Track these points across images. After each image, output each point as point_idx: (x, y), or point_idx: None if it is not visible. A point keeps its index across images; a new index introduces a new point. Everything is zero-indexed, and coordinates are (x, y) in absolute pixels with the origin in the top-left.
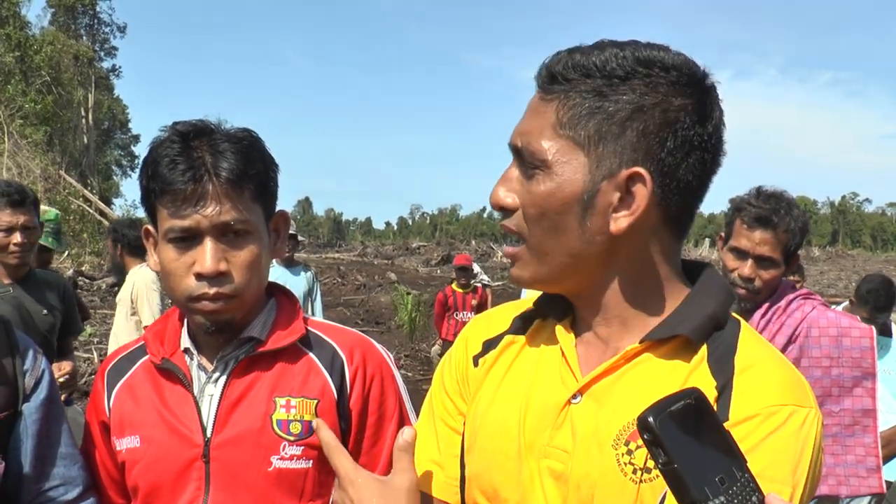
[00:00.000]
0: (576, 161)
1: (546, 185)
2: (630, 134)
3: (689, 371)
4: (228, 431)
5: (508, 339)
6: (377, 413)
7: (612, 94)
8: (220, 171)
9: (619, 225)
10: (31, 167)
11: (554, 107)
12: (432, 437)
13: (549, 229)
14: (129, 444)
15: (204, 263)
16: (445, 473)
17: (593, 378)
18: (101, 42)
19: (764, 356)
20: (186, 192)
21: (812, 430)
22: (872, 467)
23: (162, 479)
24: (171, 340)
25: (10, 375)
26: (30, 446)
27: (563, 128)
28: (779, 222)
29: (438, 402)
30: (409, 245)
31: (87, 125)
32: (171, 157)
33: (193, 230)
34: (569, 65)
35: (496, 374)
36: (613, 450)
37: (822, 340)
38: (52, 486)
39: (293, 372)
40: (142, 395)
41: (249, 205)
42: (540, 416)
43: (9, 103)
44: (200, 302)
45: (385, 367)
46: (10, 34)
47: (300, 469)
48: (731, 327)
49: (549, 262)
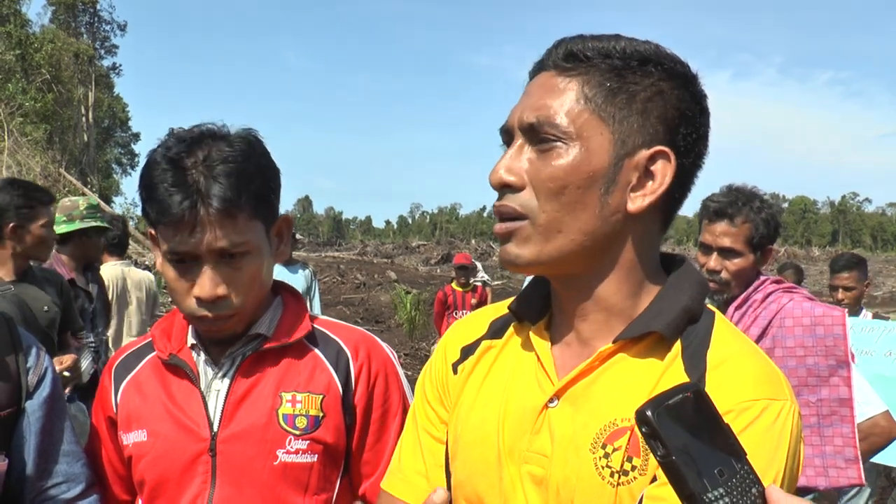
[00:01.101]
0: (600, 136)
1: (570, 158)
2: (652, 115)
3: (663, 369)
4: (235, 426)
5: (486, 344)
6: (381, 409)
7: (632, 76)
8: (213, 200)
9: (639, 204)
10: (31, 165)
11: (577, 82)
12: (417, 448)
13: (569, 204)
14: (135, 438)
15: (203, 290)
16: (432, 484)
17: (569, 381)
18: (101, 40)
19: (736, 350)
20: (183, 220)
21: (788, 422)
22: (851, 458)
23: (168, 473)
24: (178, 336)
25: (13, 373)
26: (33, 443)
27: (588, 101)
28: (735, 213)
29: (421, 412)
30: (409, 244)
31: (88, 123)
32: (167, 185)
33: (191, 255)
34: (588, 45)
35: (475, 380)
36: (591, 453)
37: (795, 330)
38: (54, 483)
39: (299, 367)
40: (149, 391)
41: (247, 224)
42: (519, 421)
43: (9, 101)
44: (202, 321)
45: (389, 364)
46: (11, 32)
47: (305, 463)
48: (705, 320)
49: (559, 240)
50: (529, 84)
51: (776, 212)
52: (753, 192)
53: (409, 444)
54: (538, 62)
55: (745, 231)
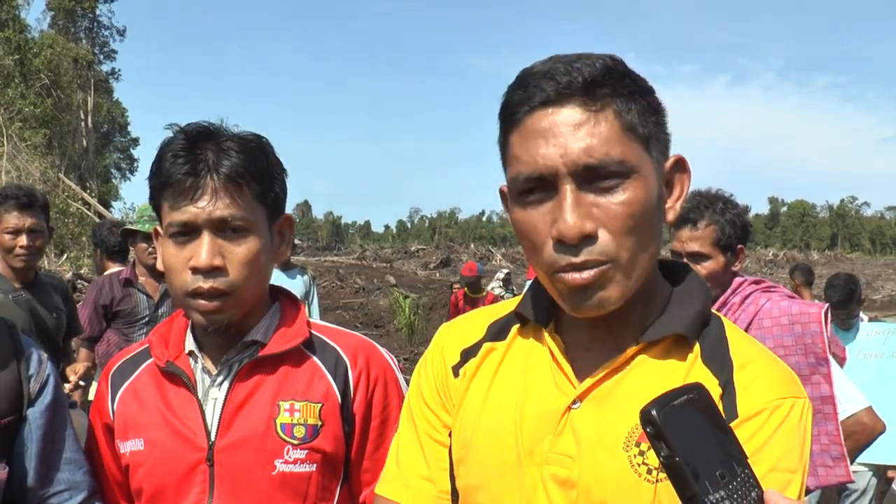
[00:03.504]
0: (647, 162)
1: (636, 192)
2: (661, 127)
3: (686, 369)
4: (232, 435)
5: (488, 346)
6: (381, 416)
7: (640, 93)
8: (221, 167)
9: (672, 215)
10: (30, 170)
11: (610, 113)
12: (419, 452)
13: (642, 237)
14: (133, 447)
15: (199, 257)
16: (437, 488)
17: (594, 383)
18: (100, 45)
19: (756, 352)
20: (185, 186)
21: (808, 418)
22: (838, 456)
23: (166, 482)
24: (175, 344)
25: (14, 380)
26: (34, 451)
27: (630, 130)
28: (698, 218)
29: (420, 416)
30: (408, 248)
31: (87, 128)
32: (175, 152)
33: (191, 224)
34: (600, 69)
35: (480, 382)
36: (625, 452)
37: (774, 330)
38: (56, 490)
39: (297, 376)
40: (146, 398)
41: (250, 203)
42: (538, 423)
43: (8, 106)
44: (196, 299)
45: (388, 370)
46: (10, 37)
47: (304, 473)
48: (715, 323)
49: (637, 274)
50: (548, 123)
51: (742, 211)
52: (717, 195)
53: (408, 448)
54: (540, 95)
55: (711, 234)
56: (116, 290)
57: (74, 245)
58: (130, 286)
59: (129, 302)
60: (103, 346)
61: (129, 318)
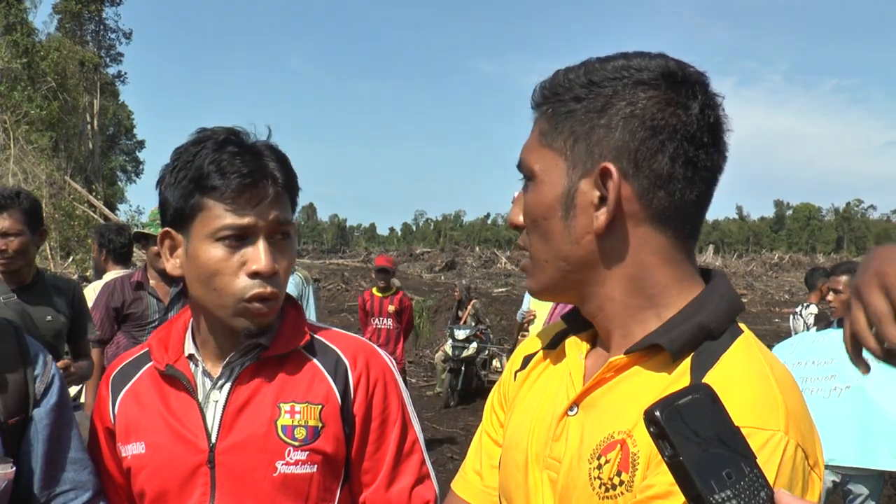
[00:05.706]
0: (556, 167)
1: (534, 193)
2: (599, 131)
3: (669, 383)
4: (233, 437)
5: (541, 354)
6: (380, 418)
7: (583, 100)
8: (278, 175)
9: (599, 222)
10: (36, 172)
11: (539, 122)
12: (477, 447)
13: (541, 236)
14: (134, 450)
15: (260, 262)
16: (483, 483)
17: (585, 390)
18: (106, 48)
19: (739, 372)
20: (248, 190)
21: (776, 454)
22: None
23: (168, 485)
24: (174, 347)
25: (20, 381)
26: (40, 451)
27: (544, 137)
28: None
29: (487, 414)
30: (413, 251)
31: (93, 131)
32: (231, 155)
33: (251, 229)
34: (547, 83)
35: (526, 387)
36: (588, 463)
37: None
38: (62, 490)
39: (297, 378)
40: (147, 402)
41: (290, 209)
42: (545, 427)
43: (15, 109)
44: (253, 303)
45: (388, 372)
46: (17, 41)
47: (305, 474)
48: (725, 339)
49: (547, 269)
50: None
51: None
52: None
53: (473, 445)
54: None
55: None
56: (127, 293)
57: (80, 247)
58: (141, 289)
59: (140, 305)
60: (112, 348)
61: (139, 321)
